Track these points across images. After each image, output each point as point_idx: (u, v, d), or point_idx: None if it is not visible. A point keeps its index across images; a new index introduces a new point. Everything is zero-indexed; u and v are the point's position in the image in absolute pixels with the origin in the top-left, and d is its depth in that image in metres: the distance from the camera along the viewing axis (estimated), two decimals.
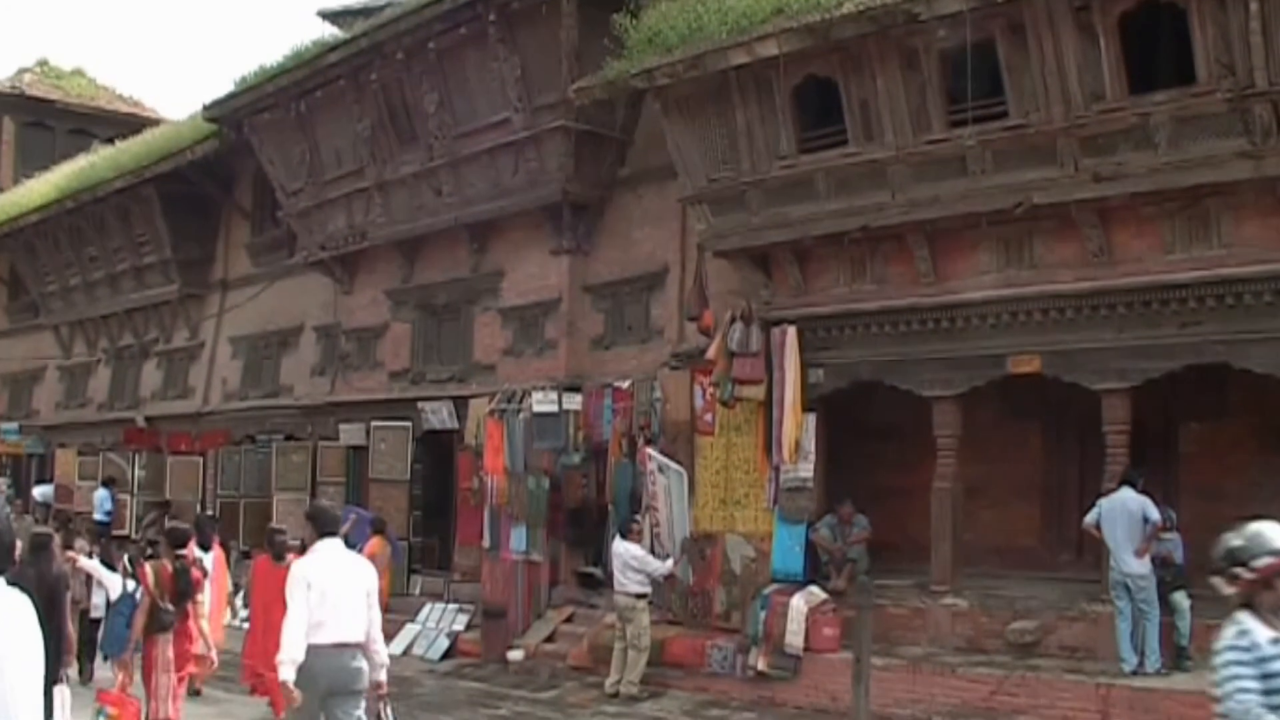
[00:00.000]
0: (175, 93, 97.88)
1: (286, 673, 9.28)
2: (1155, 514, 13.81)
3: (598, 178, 20.79)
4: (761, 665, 16.30)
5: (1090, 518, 14.33)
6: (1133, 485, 14.08)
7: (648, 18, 17.93)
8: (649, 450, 18.34)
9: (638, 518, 17.71)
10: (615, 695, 16.86)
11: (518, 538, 20.31)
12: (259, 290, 28.83)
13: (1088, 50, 14.15)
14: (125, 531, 27.53)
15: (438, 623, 21.25)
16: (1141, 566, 13.84)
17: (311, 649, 9.41)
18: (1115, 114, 14.15)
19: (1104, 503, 14.20)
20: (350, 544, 20.92)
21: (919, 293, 16.32)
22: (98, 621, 16.84)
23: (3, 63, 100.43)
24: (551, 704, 16.91)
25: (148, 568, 12.89)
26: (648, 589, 17.09)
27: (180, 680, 12.84)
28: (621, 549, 17.13)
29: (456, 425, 22.17)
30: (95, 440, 33.47)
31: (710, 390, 17.91)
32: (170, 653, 12.39)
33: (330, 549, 10.00)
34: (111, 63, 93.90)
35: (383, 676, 10.01)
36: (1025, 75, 14.64)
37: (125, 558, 17.18)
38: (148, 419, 31.71)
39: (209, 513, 26.26)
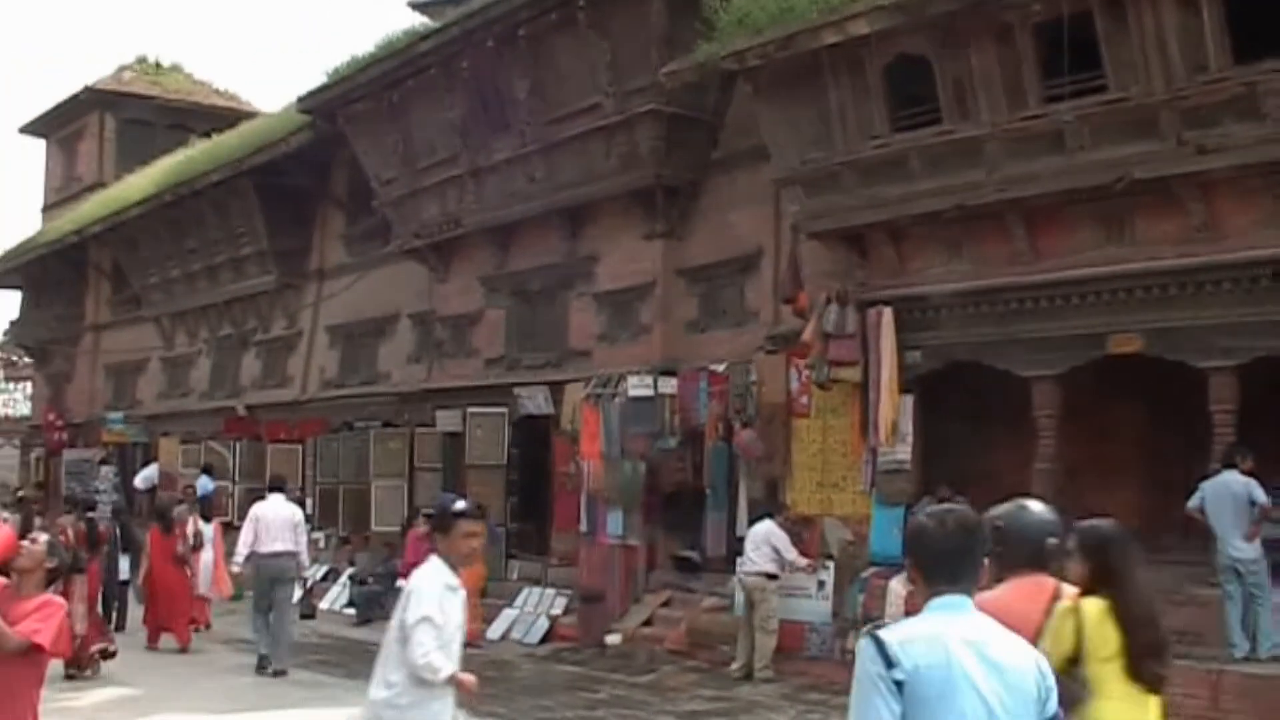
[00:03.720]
0: (269, 85, 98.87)
1: (238, 559, 18.38)
2: (1262, 495, 13.50)
3: (690, 161, 20.68)
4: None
5: (1193, 502, 14.01)
6: (1234, 466, 13.78)
7: None
8: None
9: (778, 516, 17.66)
10: (748, 677, 16.76)
11: (614, 522, 20.28)
12: (355, 279, 28.97)
13: (1189, 19, 13.86)
14: (228, 518, 27.74)
15: (535, 607, 21.27)
16: (1252, 550, 13.55)
17: (260, 555, 17.52)
18: (1219, 84, 13.84)
19: (1207, 486, 13.91)
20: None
21: (1016, 272, 16.09)
22: (126, 583, 21.10)
23: (103, 61, 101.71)
24: (649, 688, 16.86)
25: (67, 526, 16.94)
26: (778, 570, 16.99)
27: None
28: (764, 528, 17.05)
29: (552, 411, 22.16)
30: (197, 429, 33.84)
31: (805, 373, 17.80)
32: (84, 589, 15.05)
33: (274, 499, 18.15)
34: (207, 57, 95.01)
35: (306, 573, 18.64)
36: (1124, 47, 14.37)
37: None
38: (248, 408, 32.04)
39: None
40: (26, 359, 52.32)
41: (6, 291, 46.47)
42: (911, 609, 15.54)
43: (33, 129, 45.55)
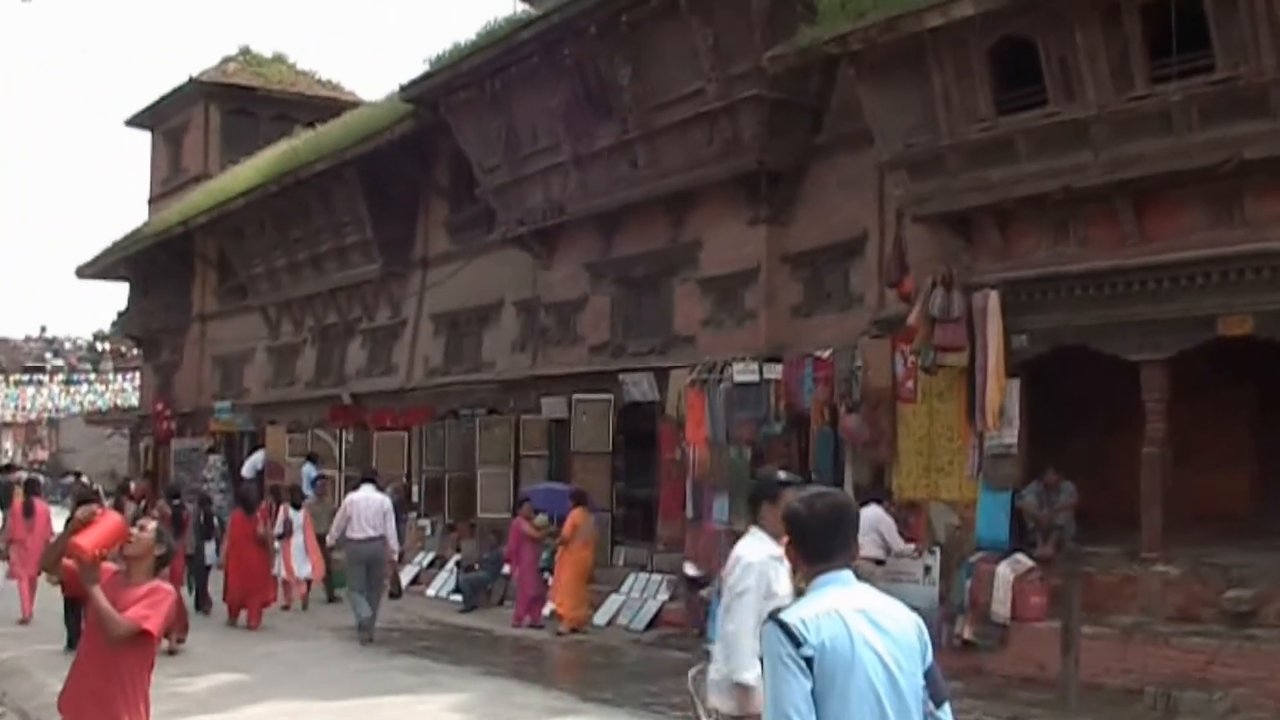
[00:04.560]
0: (372, 75, 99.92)
1: (330, 541, 20.81)
2: None
3: (793, 146, 20.64)
4: (967, 634, 16.14)
5: None
6: None
7: None
8: None
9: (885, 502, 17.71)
10: None
11: (720, 508, 20.29)
12: (459, 267, 29.17)
13: None
14: (335, 506, 28.05)
15: (641, 593, 21.34)
16: None
17: (352, 540, 19.56)
18: None
19: None
20: (553, 516, 21.29)
21: (1124, 254, 15.93)
22: (209, 567, 22.67)
23: (207, 53, 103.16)
24: None
25: (156, 510, 19.99)
26: (885, 556, 17.00)
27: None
28: (872, 514, 17.07)
29: (657, 397, 22.19)
30: (303, 418, 34.17)
31: (911, 357, 17.71)
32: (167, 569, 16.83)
33: (365, 489, 20.19)
34: (310, 48, 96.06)
35: (394, 556, 20.76)
36: (1233, 25, 14.18)
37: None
38: (353, 396, 32.30)
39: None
40: (135, 350, 53.21)
41: (115, 283, 47.18)
42: (1020, 593, 15.52)
43: (138, 122, 46.18)
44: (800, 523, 4.94)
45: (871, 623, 4.65)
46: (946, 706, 4.92)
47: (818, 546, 4.87)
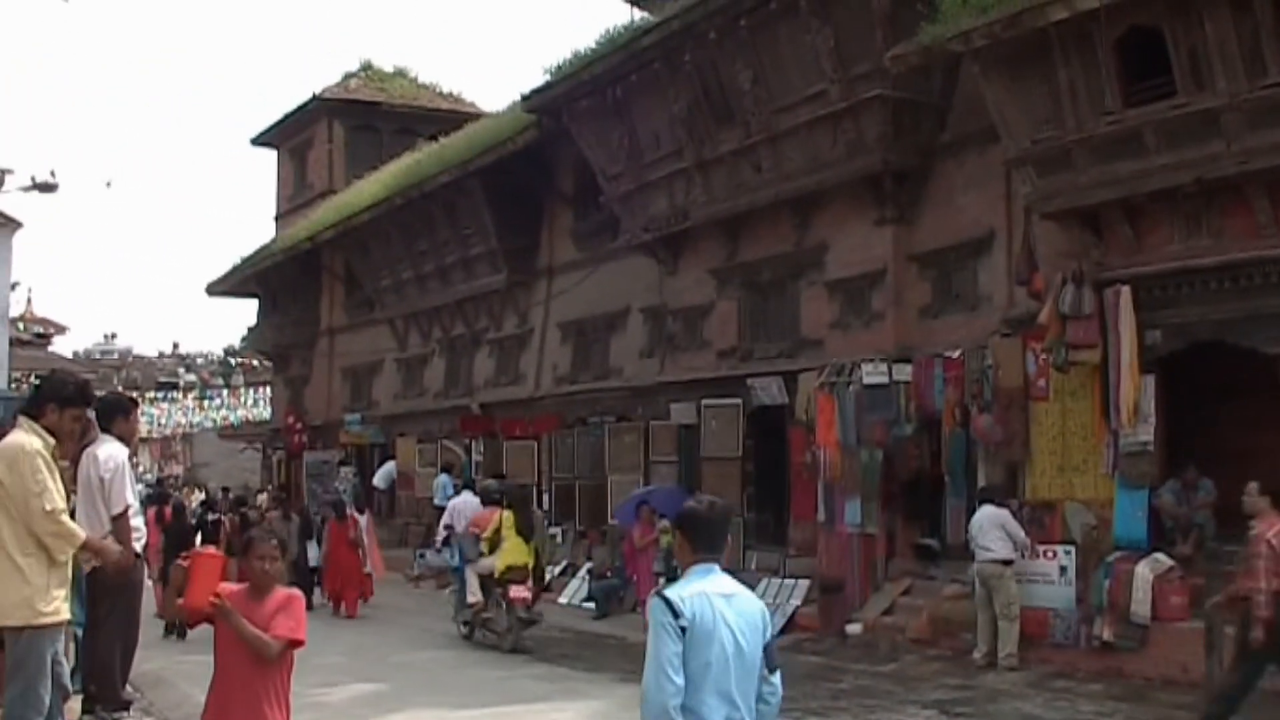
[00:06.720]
0: (493, 86, 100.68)
1: (438, 538, 24.97)
2: None
3: (918, 145, 20.51)
4: (1107, 635, 15.92)
5: None
6: None
7: None
8: None
9: (1011, 501, 17.55)
10: (990, 666, 16.62)
11: (852, 511, 20.19)
12: (584, 275, 29.28)
13: None
14: None
15: (774, 597, 21.21)
16: None
17: (458, 532, 22.25)
18: None
19: None
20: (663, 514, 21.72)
21: (1260, 245, 15.63)
22: (315, 569, 25.19)
23: (330, 70, 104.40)
24: (892, 677, 16.79)
25: (225, 520, 24.27)
26: (1014, 555, 16.86)
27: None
28: (992, 513, 16.94)
29: (786, 400, 22.10)
30: (433, 428, 34.57)
31: (1043, 356, 17.53)
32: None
33: (465, 494, 24.48)
34: (431, 60, 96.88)
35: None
36: None
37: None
38: (482, 406, 32.53)
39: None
40: (266, 364, 53.94)
41: (245, 299, 47.86)
42: (1160, 593, 15.23)
43: (264, 140, 46.87)
44: (699, 519, 6.11)
45: (729, 604, 5.93)
46: (778, 674, 6.20)
47: (707, 539, 6.08)
